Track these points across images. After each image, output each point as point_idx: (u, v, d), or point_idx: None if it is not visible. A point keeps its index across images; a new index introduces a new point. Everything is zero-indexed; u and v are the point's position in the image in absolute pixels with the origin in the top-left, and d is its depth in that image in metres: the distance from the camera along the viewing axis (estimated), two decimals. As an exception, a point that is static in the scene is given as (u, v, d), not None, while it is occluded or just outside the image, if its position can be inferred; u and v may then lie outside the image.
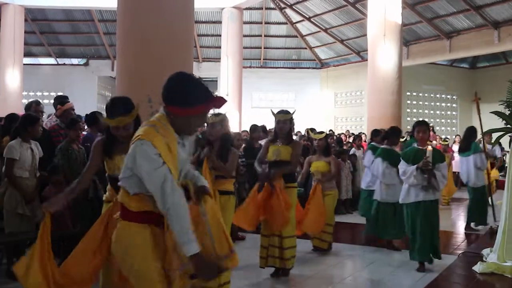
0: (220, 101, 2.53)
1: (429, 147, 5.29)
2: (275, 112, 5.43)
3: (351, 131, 16.24)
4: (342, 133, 14.60)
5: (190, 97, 2.46)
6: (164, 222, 2.47)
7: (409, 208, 5.46)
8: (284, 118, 5.32)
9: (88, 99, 18.55)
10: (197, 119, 2.56)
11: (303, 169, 6.76)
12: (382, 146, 6.77)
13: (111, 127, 3.42)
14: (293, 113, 5.45)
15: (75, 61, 21.25)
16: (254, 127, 8.42)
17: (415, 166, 5.28)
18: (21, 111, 8.25)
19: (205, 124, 5.04)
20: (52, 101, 7.01)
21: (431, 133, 11.40)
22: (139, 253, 2.50)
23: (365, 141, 11.10)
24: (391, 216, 6.46)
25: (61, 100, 6.67)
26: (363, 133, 12.52)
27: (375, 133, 7.68)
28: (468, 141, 7.98)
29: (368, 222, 7.06)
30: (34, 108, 6.33)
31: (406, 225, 5.60)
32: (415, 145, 5.62)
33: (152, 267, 2.49)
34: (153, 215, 2.51)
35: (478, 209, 7.90)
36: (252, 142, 8.27)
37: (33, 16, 19.13)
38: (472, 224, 7.96)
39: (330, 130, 15.21)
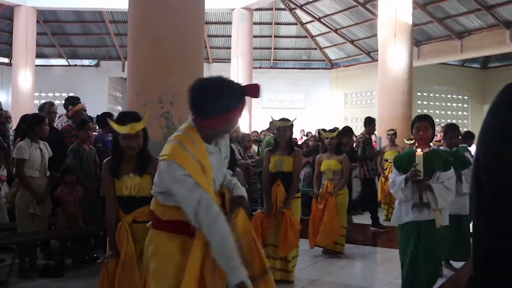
0: (255, 91, 2.34)
1: (419, 151, 3.95)
2: (276, 119, 5.44)
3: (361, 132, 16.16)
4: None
5: (219, 105, 2.27)
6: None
7: (399, 229, 4.19)
8: (284, 125, 5.26)
9: (99, 100, 18.65)
10: (230, 123, 2.39)
11: (315, 171, 6.70)
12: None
13: (121, 138, 3.33)
14: (294, 120, 5.42)
15: (86, 62, 21.38)
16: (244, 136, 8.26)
17: (404, 176, 4.01)
18: (33, 112, 8.31)
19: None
20: (63, 101, 7.06)
21: (440, 133, 11.09)
22: (161, 262, 2.40)
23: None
24: (455, 231, 5.18)
25: (72, 101, 6.73)
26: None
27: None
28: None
29: None
30: (47, 109, 6.38)
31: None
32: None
33: (170, 280, 2.36)
34: (184, 224, 2.32)
35: None
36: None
37: (45, 18, 19.28)
38: None
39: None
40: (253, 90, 2.33)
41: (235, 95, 2.31)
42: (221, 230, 2.20)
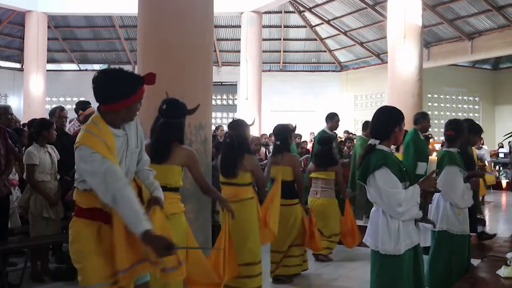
0: (151, 78, 2.63)
1: (433, 156, 3.32)
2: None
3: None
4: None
5: (117, 91, 2.57)
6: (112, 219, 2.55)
7: (395, 260, 3.04)
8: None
9: (109, 104, 18.72)
10: (131, 108, 2.65)
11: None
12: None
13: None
14: (294, 128, 5.58)
15: (96, 66, 21.51)
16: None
17: (418, 187, 3.06)
18: (45, 117, 8.37)
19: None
20: (74, 106, 7.09)
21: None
22: (81, 248, 2.62)
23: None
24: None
25: (83, 106, 6.76)
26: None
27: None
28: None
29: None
30: (58, 113, 6.40)
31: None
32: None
33: (90, 264, 2.58)
34: (101, 212, 2.61)
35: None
36: None
37: (56, 23, 19.45)
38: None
39: (351, 133, 15.13)
40: (149, 78, 2.63)
41: (131, 82, 2.60)
42: (129, 195, 2.47)
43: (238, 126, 4.59)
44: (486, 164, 10.57)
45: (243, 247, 4.41)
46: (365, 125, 7.92)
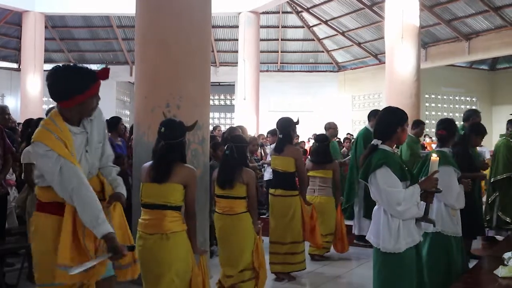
0: (105, 73, 2.63)
1: (434, 156, 3.24)
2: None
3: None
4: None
5: (71, 87, 2.57)
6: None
7: (395, 260, 3.08)
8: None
9: (107, 105, 18.69)
10: (87, 103, 2.65)
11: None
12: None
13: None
14: (297, 121, 5.62)
15: (94, 67, 21.28)
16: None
17: (418, 186, 3.10)
18: (42, 117, 8.36)
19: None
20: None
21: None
22: (40, 241, 2.64)
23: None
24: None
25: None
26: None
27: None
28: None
29: None
30: (54, 113, 6.38)
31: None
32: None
33: (51, 260, 2.56)
34: (59, 205, 2.61)
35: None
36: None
37: (53, 23, 19.43)
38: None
39: (348, 133, 15.13)
40: (103, 73, 2.63)
41: (84, 78, 2.60)
42: (86, 194, 2.51)
43: (240, 141, 4.57)
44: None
45: (238, 259, 4.39)
46: (373, 113, 7.73)
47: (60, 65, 2.70)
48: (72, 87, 2.58)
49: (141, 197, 3.53)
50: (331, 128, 8.05)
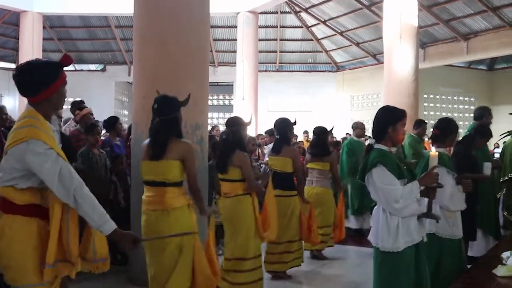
0: (67, 60, 2.61)
1: (433, 151, 3.28)
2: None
3: (368, 134, 16.10)
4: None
5: (37, 81, 2.53)
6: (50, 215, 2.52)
7: (392, 257, 3.11)
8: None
9: (105, 105, 18.71)
10: (57, 96, 2.61)
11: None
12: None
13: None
14: (295, 121, 5.63)
15: (92, 67, 21.47)
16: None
17: (417, 183, 3.09)
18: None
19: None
20: (70, 106, 7.07)
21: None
22: (21, 245, 2.51)
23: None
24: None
25: (78, 106, 6.74)
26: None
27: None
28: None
29: None
30: (53, 113, 6.37)
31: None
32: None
33: (30, 264, 2.50)
34: (40, 208, 2.55)
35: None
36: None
37: (51, 23, 19.39)
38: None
39: (347, 133, 15.13)
40: (65, 59, 2.61)
41: (49, 69, 2.57)
42: (88, 193, 2.52)
43: (234, 124, 4.63)
44: None
45: (234, 242, 4.53)
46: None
47: (23, 63, 2.63)
48: (42, 79, 2.54)
49: (141, 175, 3.57)
50: (358, 128, 8.34)
